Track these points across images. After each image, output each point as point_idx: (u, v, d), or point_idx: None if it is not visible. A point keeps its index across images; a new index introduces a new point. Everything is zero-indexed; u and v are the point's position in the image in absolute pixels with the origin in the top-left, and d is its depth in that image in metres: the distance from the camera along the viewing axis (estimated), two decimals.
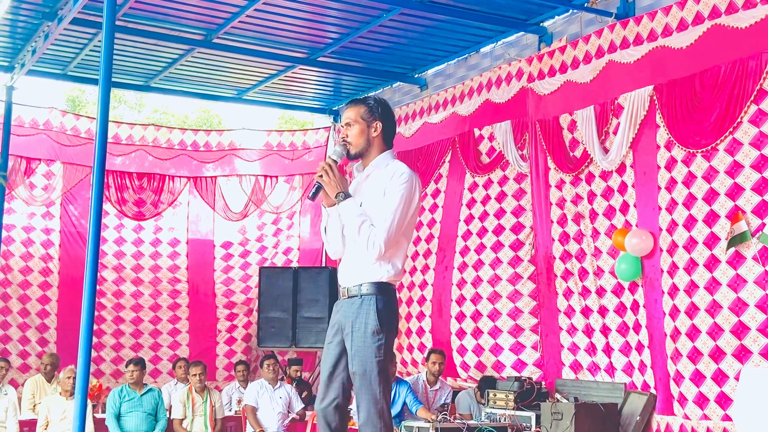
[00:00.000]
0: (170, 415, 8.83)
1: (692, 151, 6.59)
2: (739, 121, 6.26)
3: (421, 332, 9.40)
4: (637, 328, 7.09)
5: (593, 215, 7.59)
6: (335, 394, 3.93)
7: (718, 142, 6.39)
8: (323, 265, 11.31)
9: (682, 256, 6.63)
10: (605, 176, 7.47)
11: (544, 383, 7.85)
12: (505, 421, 7.27)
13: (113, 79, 7.09)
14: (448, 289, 9.06)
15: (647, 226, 7.00)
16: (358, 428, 3.89)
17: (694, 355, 6.46)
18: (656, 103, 6.93)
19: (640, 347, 7.05)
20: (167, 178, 11.43)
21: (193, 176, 11.58)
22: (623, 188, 7.27)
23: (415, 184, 3.91)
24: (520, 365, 8.26)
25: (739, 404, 5.74)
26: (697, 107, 6.58)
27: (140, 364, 8.75)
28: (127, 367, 8.80)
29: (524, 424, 7.21)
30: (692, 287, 6.52)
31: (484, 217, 8.74)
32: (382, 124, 4.06)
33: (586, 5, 7.97)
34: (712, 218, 6.43)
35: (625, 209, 7.25)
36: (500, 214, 8.59)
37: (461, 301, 8.86)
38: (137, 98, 23.43)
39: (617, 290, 7.35)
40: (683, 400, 6.52)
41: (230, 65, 10.38)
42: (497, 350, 8.45)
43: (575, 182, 7.76)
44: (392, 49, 9.64)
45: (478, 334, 8.64)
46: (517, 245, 8.42)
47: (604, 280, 7.47)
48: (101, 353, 10.72)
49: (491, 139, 8.78)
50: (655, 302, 6.90)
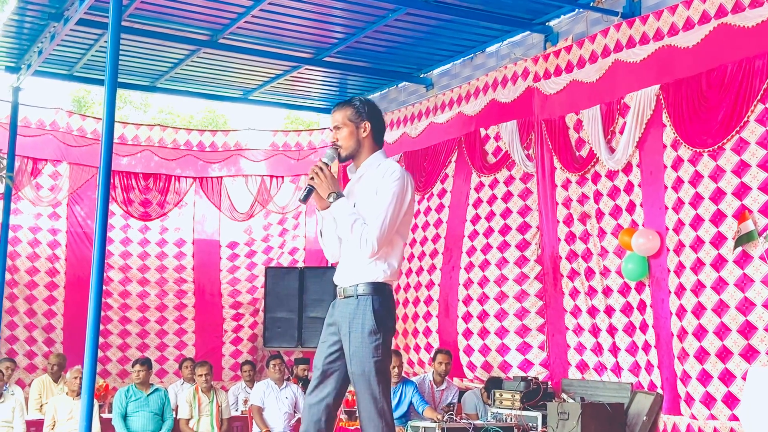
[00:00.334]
0: (176, 415, 8.84)
1: (699, 150, 6.57)
2: (745, 120, 6.24)
3: (428, 332, 9.40)
4: (643, 327, 7.08)
5: (599, 215, 7.58)
6: (327, 392, 3.94)
7: (724, 141, 6.37)
8: (329, 265, 11.30)
9: (688, 255, 6.62)
10: (611, 176, 7.45)
11: (550, 383, 7.84)
12: (511, 421, 7.26)
13: (119, 79, 7.11)
14: (454, 289, 9.05)
15: (654, 225, 6.98)
16: (361, 428, 3.89)
17: (701, 354, 6.44)
18: (663, 102, 6.92)
19: (646, 347, 7.03)
20: (173, 178, 11.45)
21: (198, 176, 11.60)
22: (630, 188, 7.26)
23: (407, 182, 3.91)
24: (526, 365, 8.25)
25: (746, 404, 5.72)
26: (703, 106, 6.57)
27: (146, 364, 8.76)
28: (133, 367, 8.82)
29: (530, 424, 7.21)
30: (699, 287, 6.50)
31: (490, 216, 8.73)
32: (370, 124, 4.06)
33: (591, 4, 7.96)
34: (718, 218, 6.42)
35: (631, 209, 7.24)
36: (506, 213, 8.58)
37: (468, 301, 8.85)
38: (142, 99, 23.45)
39: (624, 290, 7.33)
40: (690, 400, 6.50)
41: (236, 65, 10.40)
42: (504, 350, 8.44)
43: (581, 182, 7.75)
44: (398, 48, 9.64)
45: (484, 334, 8.63)
46: (523, 245, 8.41)
47: (610, 279, 7.46)
48: (108, 353, 10.74)
49: (497, 138, 8.77)
50: (661, 302, 6.88)
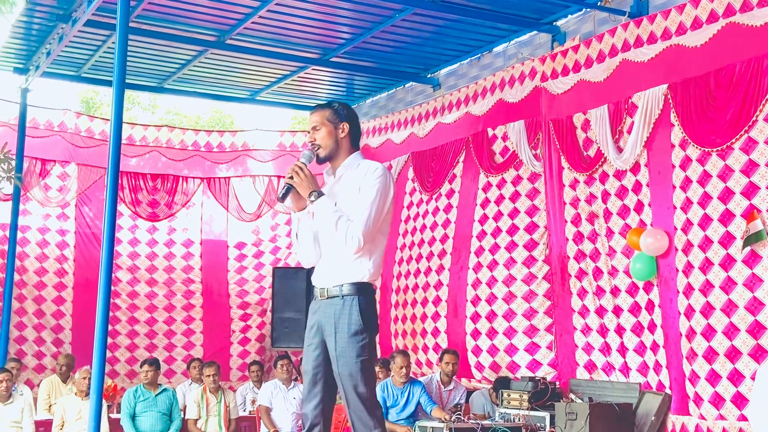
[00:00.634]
0: (185, 415, 8.86)
1: (707, 149, 6.55)
2: (754, 119, 6.21)
3: (436, 333, 9.39)
4: (652, 327, 7.06)
5: (607, 215, 7.56)
6: (320, 397, 3.94)
7: (733, 140, 6.35)
8: None
9: (697, 255, 6.60)
10: (619, 175, 7.44)
11: (558, 383, 7.83)
12: (519, 421, 7.25)
13: (127, 80, 7.14)
14: (463, 289, 9.04)
15: (662, 225, 6.97)
16: (352, 428, 3.89)
17: (709, 354, 6.42)
18: (670, 101, 6.90)
19: (655, 347, 7.02)
20: (181, 179, 11.48)
21: (206, 177, 11.62)
22: (638, 187, 7.24)
23: (389, 178, 3.95)
24: (534, 365, 8.24)
25: (754, 404, 5.70)
26: (711, 106, 6.55)
27: (155, 364, 8.78)
28: (141, 367, 8.84)
29: (538, 424, 7.20)
30: (708, 287, 6.49)
31: (498, 217, 8.72)
32: (349, 125, 4.06)
33: (599, 4, 7.95)
34: (727, 217, 6.40)
35: (639, 208, 7.22)
36: (514, 213, 8.57)
37: (476, 301, 8.84)
38: (150, 100, 23.51)
39: (632, 290, 7.32)
40: (699, 400, 6.48)
41: (243, 66, 10.41)
42: (512, 351, 8.43)
43: (589, 181, 7.73)
44: (405, 49, 9.64)
45: (493, 334, 8.62)
46: (531, 245, 8.39)
47: (618, 279, 7.44)
48: (116, 354, 10.77)
49: (505, 138, 8.76)
50: (670, 302, 6.87)
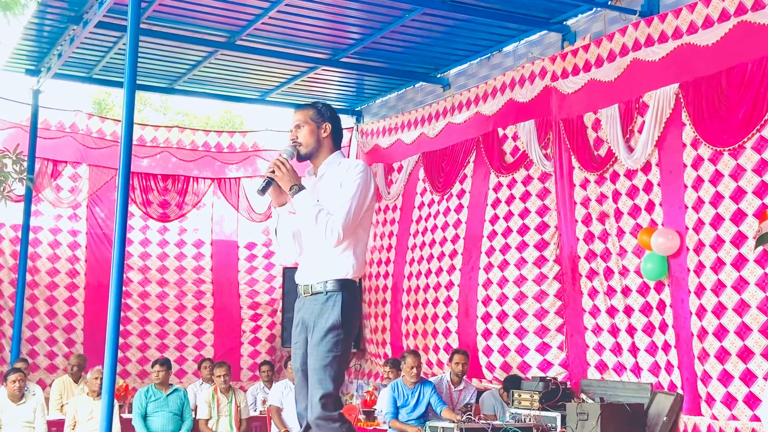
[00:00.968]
0: (196, 415, 8.88)
1: (719, 149, 6.53)
2: (766, 118, 6.18)
3: (447, 333, 9.38)
4: (663, 327, 7.04)
5: (618, 214, 7.54)
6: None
7: (745, 140, 6.32)
8: None
9: (708, 255, 6.57)
10: (630, 175, 7.42)
11: (569, 383, 7.81)
12: (530, 421, 7.24)
13: (138, 81, 7.16)
14: (473, 289, 9.03)
15: (673, 225, 6.94)
16: (310, 421, 3.88)
17: (721, 354, 6.39)
18: (682, 101, 6.87)
19: (666, 347, 6.99)
20: (191, 179, 11.51)
21: (216, 177, 11.64)
22: (649, 187, 7.22)
23: (370, 174, 4.00)
24: (545, 366, 8.22)
25: (767, 404, 5.68)
26: (723, 105, 6.52)
27: (166, 364, 8.81)
28: (152, 367, 8.87)
29: (549, 424, 7.18)
30: (719, 286, 6.46)
31: (508, 216, 8.71)
32: (331, 125, 4.11)
33: (609, 3, 7.93)
34: (739, 217, 6.37)
35: (650, 208, 7.20)
36: (525, 213, 8.55)
37: (487, 301, 8.83)
38: (162, 101, 23.59)
39: (643, 290, 7.30)
40: (711, 400, 6.46)
41: (253, 67, 10.43)
42: (523, 351, 8.42)
43: (600, 181, 7.71)
44: (414, 49, 9.64)
45: (504, 334, 8.61)
46: (542, 245, 8.38)
47: (629, 279, 7.42)
48: (127, 354, 10.80)
49: (515, 138, 8.74)
50: (681, 302, 6.84)
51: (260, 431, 9.26)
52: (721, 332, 6.41)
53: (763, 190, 6.22)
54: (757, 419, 6.07)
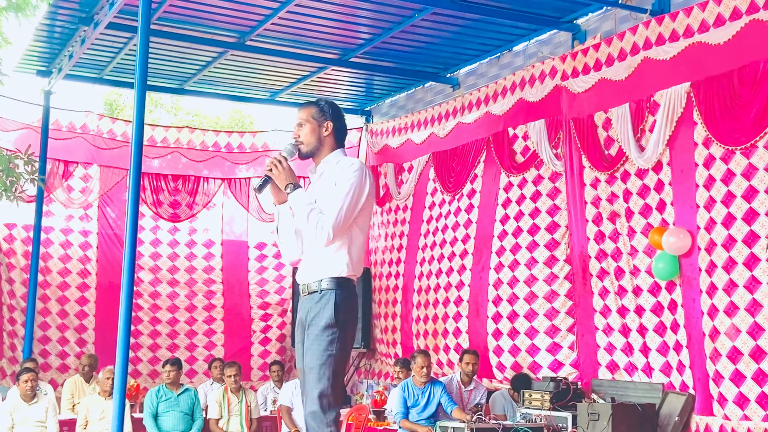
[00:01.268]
0: (206, 414, 8.90)
1: (731, 148, 6.50)
2: None
3: (457, 333, 9.37)
4: (675, 327, 7.01)
5: (629, 214, 7.52)
6: None
7: (757, 138, 6.29)
8: None
9: (720, 254, 6.55)
10: (641, 174, 7.39)
11: (580, 383, 7.79)
12: (540, 421, 7.23)
13: (148, 82, 7.18)
14: (484, 289, 9.02)
15: (685, 224, 6.91)
16: (304, 420, 3.88)
17: (733, 354, 6.37)
18: (693, 100, 6.85)
19: (678, 347, 6.97)
20: (201, 179, 11.53)
21: (226, 178, 11.66)
22: (660, 186, 7.19)
23: (365, 174, 3.96)
24: (556, 366, 8.20)
25: None
26: (735, 104, 6.49)
27: (177, 364, 8.83)
28: (163, 367, 8.90)
29: (560, 424, 7.16)
30: (731, 286, 6.44)
31: (519, 216, 8.70)
32: (333, 123, 4.09)
33: (620, 2, 7.90)
34: (751, 216, 6.34)
35: (661, 207, 7.17)
36: (535, 213, 8.53)
37: (498, 301, 8.82)
38: (173, 101, 23.65)
39: (654, 289, 7.27)
40: (723, 400, 6.43)
41: (263, 67, 10.45)
42: (534, 351, 8.40)
43: (610, 180, 7.69)
44: (424, 48, 9.63)
45: (514, 334, 8.59)
46: (552, 245, 8.36)
47: (640, 279, 7.39)
48: (138, 354, 10.83)
49: (525, 138, 8.72)
50: (693, 301, 6.82)
51: (271, 431, 9.27)
52: (733, 332, 6.38)
53: None
54: None
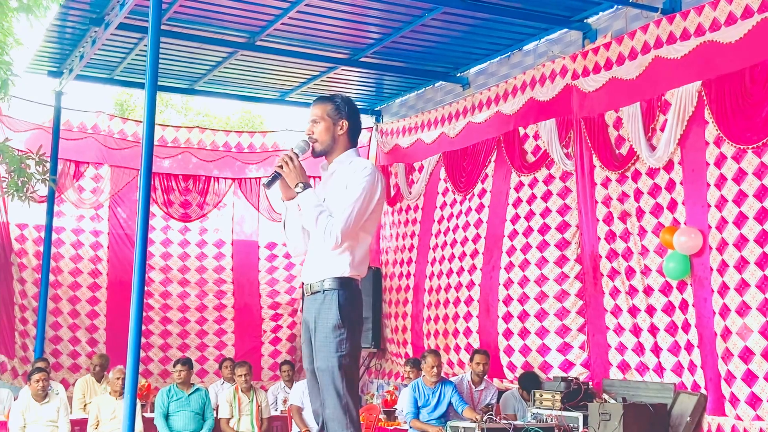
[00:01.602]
0: (217, 414, 8.92)
1: (742, 147, 6.47)
2: None
3: (468, 332, 9.36)
4: (686, 327, 6.98)
5: (640, 213, 7.49)
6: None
7: None
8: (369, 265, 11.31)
9: (732, 253, 6.52)
10: (652, 173, 7.37)
11: (591, 383, 7.77)
12: (552, 421, 7.21)
13: (159, 82, 7.18)
14: (495, 289, 9.00)
15: (696, 223, 6.89)
16: (324, 423, 3.86)
17: (745, 354, 6.34)
18: (704, 98, 6.82)
19: (689, 347, 6.94)
20: (212, 179, 11.55)
21: (237, 177, 11.68)
22: (671, 185, 7.17)
23: (377, 178, 3.91)
24: (567, 365, 8.18)
25: None
26: (747, 102, 6.46)
27: (187, 364, 8.84)
28: (174, 367, 8.91)
29: (571, 424, 7.15)
30: (743, 285, 6.41)
31: (530, 216, 8.68)
32: (348, 122, 4.03)
33: (631, 0, 7.87)
34: (763, 215, 6.31)
35: (673, 207, 7.15)
36: (546, 213, 8.51)
37: (508, 301, 8.80)
38: (183, 102, 23.70)
39: (665, 289, 7.24)
40: (735, 400, 6.40)
41: (273, 67, 10.46)
42: (544, 351, 8.38)
43: (621, 180, 7.67)
44: (434, 48, 9.62)
45: (525, 334, 8.58)
46: (563, 244, 8.34)
47: (651, 278, 7.37)
48: (149, 353, 10.86)
49: (536, 137, 8.71)
50: (704, 301, 6.79)
51: (281, 431, 9.28)
52: (745, 332, 6.35)
53: None
54: None
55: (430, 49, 9.66)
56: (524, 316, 8.60)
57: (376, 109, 11.97)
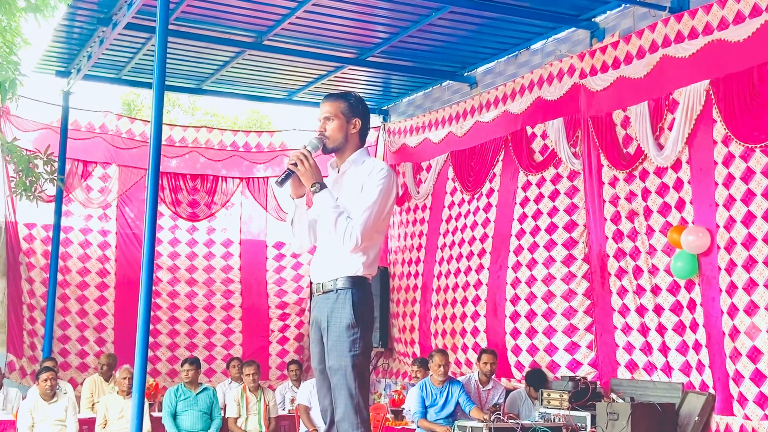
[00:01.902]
0: (225, 413, 8.93)
1: (751, 146, 6.45)
2: None
3: (475, 332, 9.35)
4: (694, 326, 6.97)
5: (647, 212, 7.47)
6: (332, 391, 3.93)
7: None
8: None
9: (740, 253, 6.50)
10: (660, 173, 7.35)
11: (599, 383, 7.75)
12: (559, 421, 7.20)
13: (166, 82, 7.20)
14: (502, 288, 8.99)
15: (704, 222, 6.87)
16: (336, 423, 3.85)
17: (754, 354, 6.32)
18: (713, 97, 6.80)
19: (697, 346, 6.92)
20: (220, 179, 11.57)
21: (244, 177, 11.70)
22: (679, 185, 7.15)
23: (393, 179, 3.92)
24: (575, 365, 8.16)
25: None
26: (755, 101, 6.44)
27: (195, 363, 8.86)
28: (182, 366, 8.93)
29: (579, 424, 7.14)
30: (751, 285, 6.39)
31: (537, 215, 8.66)
32: (361, 121, 4.02)
33: None
34: None
35: (680, 206, 7.13)
36: (553, 212, 8.50)
37: (515, 300, 8.79)
38: (190, 102, 23.74)
39: (673, 288, 7.23)
40: (743, 400, 6.38)
41: (280, 67, 10.47)
42: (552, 350, 8.37)
43: (629, 179, 7.65)
44: (441, 47, 9.62)
45: (532, 333, 8.56)
46: (570, 243, 8.33)
47: (659, 278, 7.35)
48: (157, 353, 10.89)
49: (544, 136, 8.69)
50: (712, 300, 6.77)
51: (289, 430, 9.29)
52: (753, 331, 6.33)
53: None
54: None
55: (437, 48, 9.65)
56: (532, 315, 8.59)
57: (383, 108, 11.96)
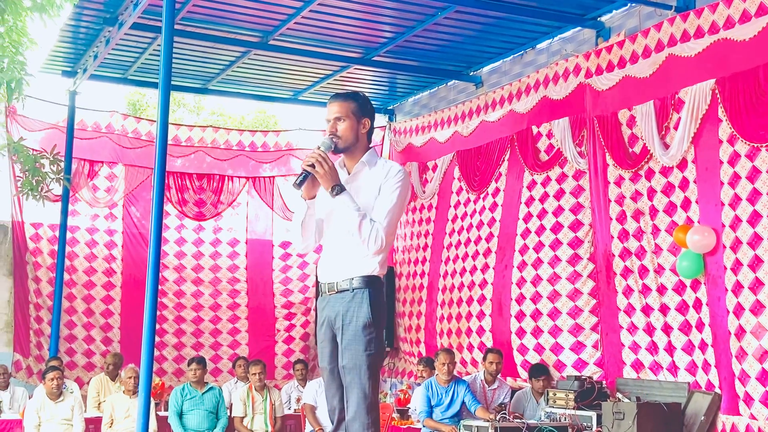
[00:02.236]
0: (231, 413, 8.94)
1: (756, 145, 6.44)
2: None
3: (481, 331, 9.35)
4: (700, 326, 6.96)
5: (653, 212, 7.47)
6: (341, 391, 3.92)
7: None
8: None
9: (746, 252, 6.49)
10: (665, 172, 7.34)
11: (605, 382, 7.75)
12: (565, 420, 7.20)
13: (172, 82, 7.22)
14: (507, 288, 8.99)
15: (710, 222, 6.86)
16: (346, 422, 3.85)
17: (760, 353, 6.31)
18: (718, 97, 6.78)
19: (703, 346, 6.91)
20: (226, 178, 11.59)
21: (251, 176, 11.71)
22: (684, 184, 7.14)
23: (408, 181, 3.97)
24: (580, 364, 8.16)
25: None
26: (761, 100, 6.42)
27: (201, 362, 8.87)
28: (188, 365, 8.94)
29: (585, 423, 7.13)
30: (757, 284, 6.37)
31: (542, 215, 8.66)
32: (370, 121, 4.04)
33: None
34: None
35: (686, 205, 7.12)
36: (559, 211, 8.50)
37: (521, 300, 8.79)
38: (196, 101, 23.76)
39: (679, 288, 7.22)
40: (749, 399, 6.37)
41: (286, 66, 10.48)
42: (557, 349, 8.36)
43: (635, 178, 7.64)
44: (447, 47, 9.62)
45: (538, 333, 8.56)
46: (576, 243, 8.32)
47: (664, 277, 7.34)
48: (163, 352, 10.91)
49: (549, 136, 8.69)
50: (718, 300, 6.76)
51: (295, 429, 9.30)
52: (759, 330, 6.32)
53: None
54: None
55: (443, 47, 9.65)
56: (537, 314, 8.59)
57: (389, 108, 11.97)
